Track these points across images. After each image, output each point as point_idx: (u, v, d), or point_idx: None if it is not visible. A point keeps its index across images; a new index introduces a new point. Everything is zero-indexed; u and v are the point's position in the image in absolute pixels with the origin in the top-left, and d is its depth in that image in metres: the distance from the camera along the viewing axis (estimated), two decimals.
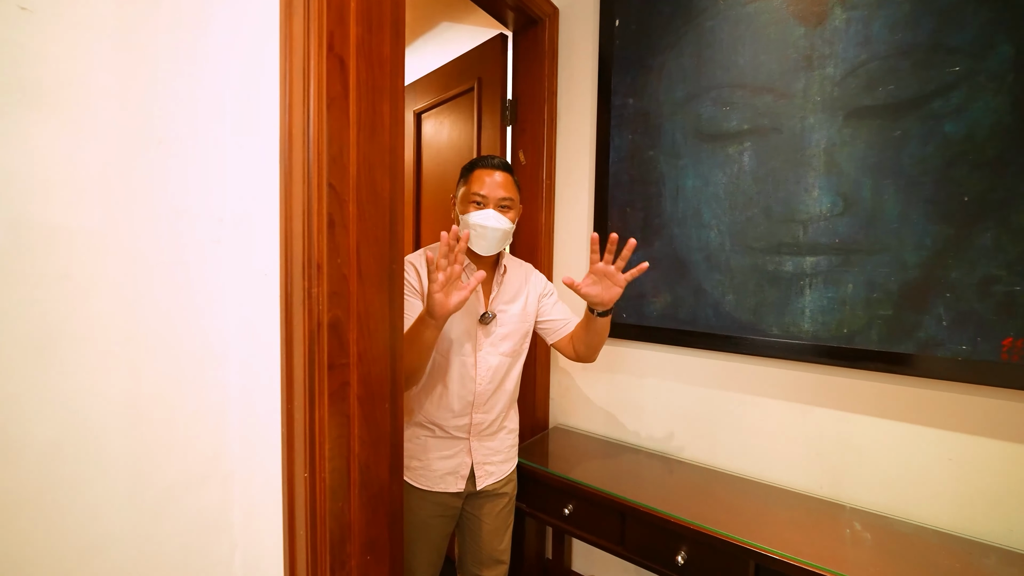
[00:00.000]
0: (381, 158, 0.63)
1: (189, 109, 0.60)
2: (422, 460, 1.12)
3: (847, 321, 1.09)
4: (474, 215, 1.03)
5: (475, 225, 1.03)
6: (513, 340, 1.14)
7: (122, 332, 0.58)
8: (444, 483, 1.12)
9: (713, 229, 1.27)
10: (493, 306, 1.11)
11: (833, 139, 1.10)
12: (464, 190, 1.07)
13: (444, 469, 1.12)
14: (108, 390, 0.59)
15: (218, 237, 0.67)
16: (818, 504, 1.12)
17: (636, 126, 1.40)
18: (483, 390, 1.11)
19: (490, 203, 1.04)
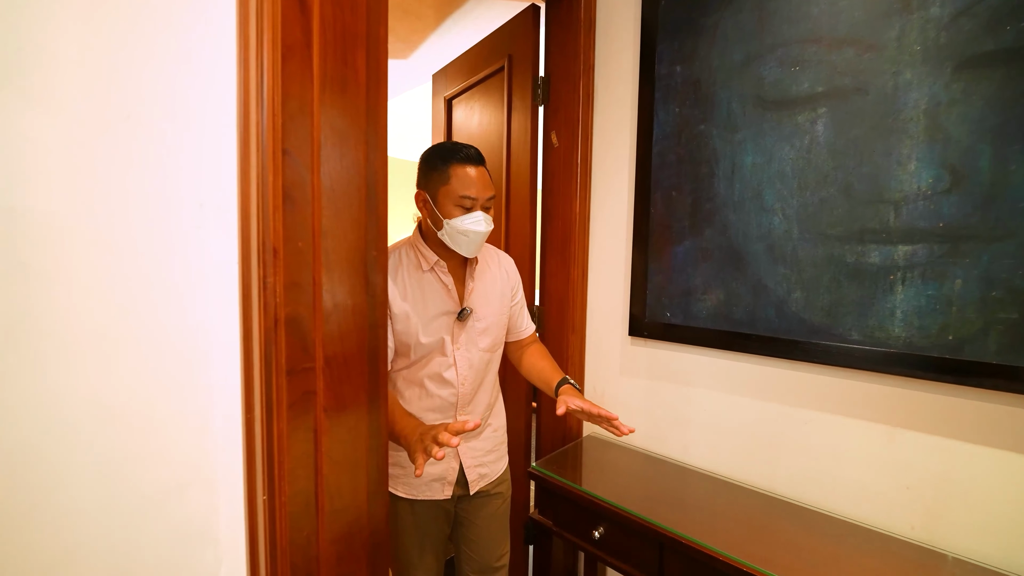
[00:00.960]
0: (355, 121, 0.52)
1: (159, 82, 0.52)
2: (405, 468, 1.04)
3: (954, 326, 0.87)
4: (465, 221, 0.97)
5: (467, 231, 0.98)
6: (492, 334, 1.09)
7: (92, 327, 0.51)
8: (431, 491, 1.07)
9: (777, 214, 1.07)
10: (469, 301, 1.05)
11: (938, 97, 0.87)
12: (445, 190, 0.98)
13: (431, 476, 1.06)
14: (77, 390, 0.53)
15: (199, 223, 0.59)
16: (909, 550, 0.91)
17: (684, 97, 1.22)
18: (466, 391, 1.06)
19: (478, 205, 0.98)
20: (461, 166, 0.98)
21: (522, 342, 1.23)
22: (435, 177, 0.99)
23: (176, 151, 0.55)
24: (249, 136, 0.50)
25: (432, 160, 1.00)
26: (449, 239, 1.00)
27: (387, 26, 0.57)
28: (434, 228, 1.02)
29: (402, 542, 1.09)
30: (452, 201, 0.97)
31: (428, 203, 1.01)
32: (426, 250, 1.04)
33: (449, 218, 0.98)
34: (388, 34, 0.55)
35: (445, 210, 0.98)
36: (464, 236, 0.98)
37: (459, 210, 0.97)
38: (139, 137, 0.52)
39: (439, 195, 0.99)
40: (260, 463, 0.51)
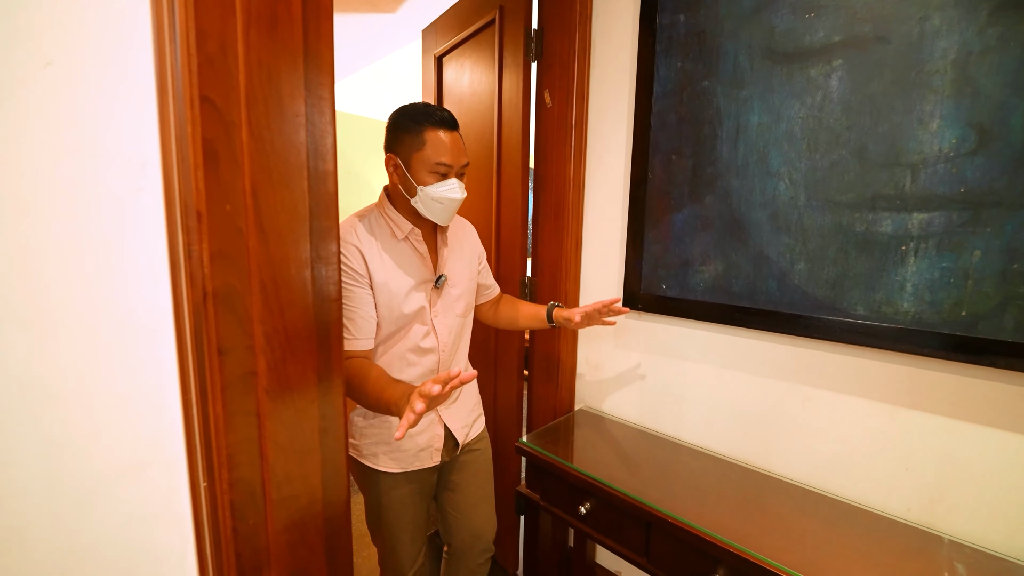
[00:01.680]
0: (291, 63, 0.45)
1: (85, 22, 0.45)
2: (391, 443, 1.04)
3: (969, 301, 0.80)
4: (439, 188, 0.94)
5: (442, 198, 0.95)
6: (466, 299, 1.11)
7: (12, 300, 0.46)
8: (419, 460, 1.07)
9: (783, 179, 0.99)
10: (443, 268, 1.05)
11: (970, 46, 0.78)
12: (419, 156, 0.93)
13: (418, 446, 1.06)
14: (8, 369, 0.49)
15: (140, 185, 0.53)
16: (904, 532, 0.88)
17: (688, 50, 1.12)
18: (445, 356, 1.07)
19: (453, 172, 0.95)
20: (435, 131, 0.92)
21: (492, 300, 1.26)
22: (408, 141, 0.94)
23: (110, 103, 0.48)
24: (166, 83, 0.43)
25: (403, 122, 0.94)
26: (423, 206, 0.96)
27: None
28: (406, 195, 0.97)
29: (388, 519, 1.08)
30: (427, 168, 0.93)
31: (400, 168, 0.96)
32: (398, 217, 0.99)
33: (423, 185, 0.93)
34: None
35: (419, 177, 0.94)
36: (439, 204, 0.95)
37: (434, 177, 0.93)
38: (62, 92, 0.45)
39: (412, 161, 0.94)
40: (199, 448, 0.47)
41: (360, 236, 0.95)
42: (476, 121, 1.60)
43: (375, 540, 1.13)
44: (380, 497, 1.07)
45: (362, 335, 0.93)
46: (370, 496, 1.08)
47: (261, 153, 0.45)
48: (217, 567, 0.47)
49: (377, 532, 1.10)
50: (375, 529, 1.10)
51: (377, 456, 1.05)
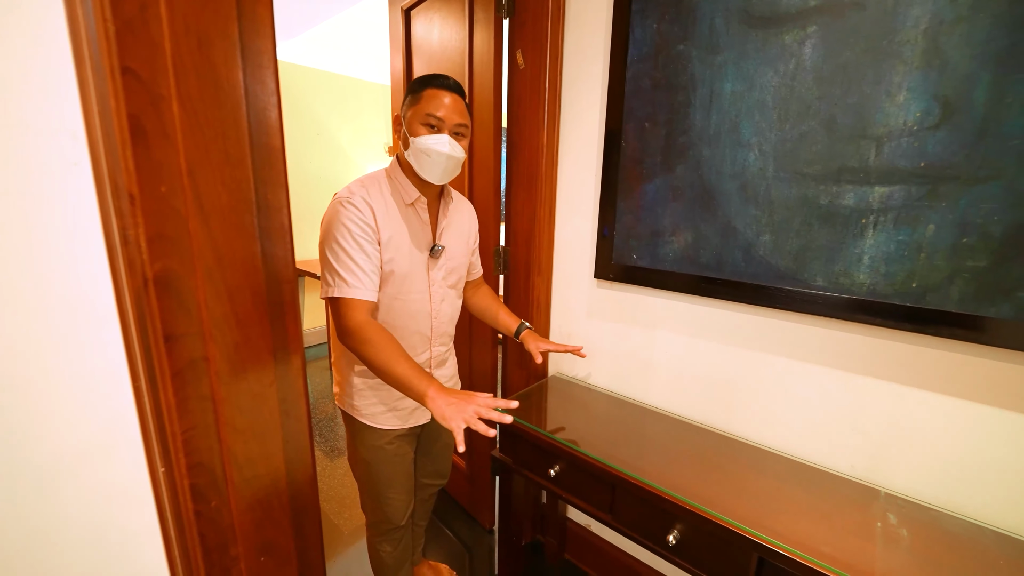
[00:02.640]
0: (222, 26, 0.42)
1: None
2: (388, 403, 1.09)
3: (920, 273, 0.84)
4: (428, 139, 0.96)
5: (429, 150, 0.96)
6: (459, 273, 1.15)
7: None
8: (415, 418, 1.14)
9: (754, 149, 0.98)
10: (442, 238, 1.08)
11: (942, 14, 0.77)
12: (415, 109, 0.97)
13: (413, 404, 1.12)
14: None
15: (75, 158, 0.49)
16: (848, 487, 0.95)
17: (664, 11, 1.07)
18: (438, 324, 1.12)
19: (445, 128, 0.97)
20: (435, 89, 0.97)
21: (473, 282, 1.29)
22: (410, 99, 0.99)
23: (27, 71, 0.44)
24: (83, 52, 0.39)
25: (412, 86, 1.00)
26: (414, 159, 0.99)
27: None
28: (403, 150, 1.01)
29: (386, 472, 1.14)
30: (419, 119, 0.96)
31: (400, 125, 1.02)
32: (406, 183, 1.02)
33: (414, 136, 0.97)
34: None
35: (412, 128, 0.98)
36: (426, 156, 0.97)
37: (425, 129, 0.96)
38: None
39: (409, 114, 0.99)
40: (154, 435, 0.47)
41: (371, 194, 0.98)
42: None
43: (369, 494, 1.18)
44: (378, 452, 1.12)
45: (371, 286, 0.95)
46: (367, 452, 1.13)
47: (195, 127, 0.42)
48: (182, 547, 0.48)
49: (373, 486, 1.16)
50: (371, 483, 1.16)
51: (375, 416, 1.10)
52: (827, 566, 0.74)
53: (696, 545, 0.90)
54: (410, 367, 0.89)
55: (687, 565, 0.92)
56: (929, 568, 0.75)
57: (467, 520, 1.80)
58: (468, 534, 1.74)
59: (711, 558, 0.89)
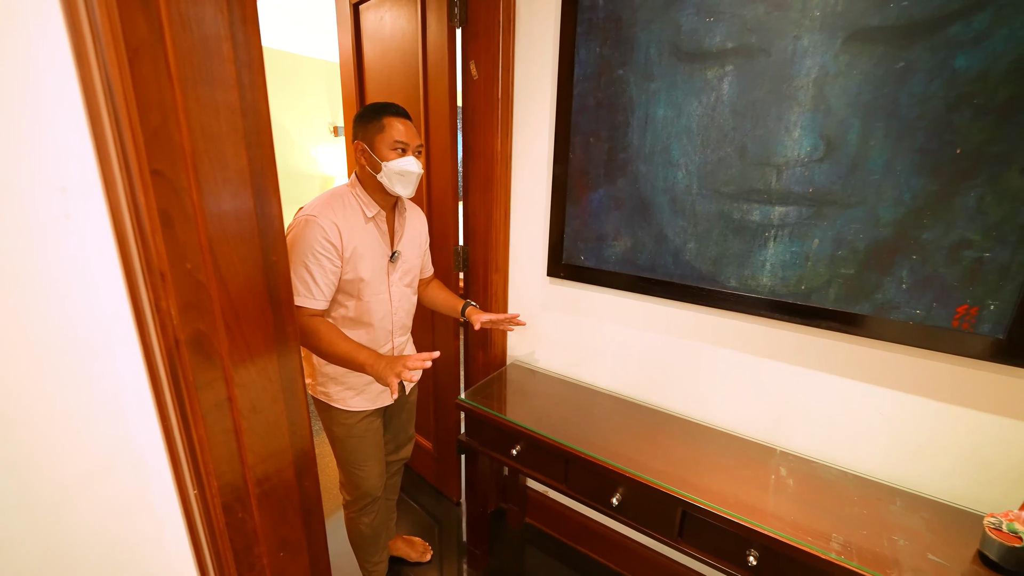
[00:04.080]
0: (230, 122, 0.49)
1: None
2: (355, 387, 1.23)
3: (807, 278, 1.03)
4: (399, 162, 1.10)
5: (403, 171, 1.11)
6: (413, 273, 1.29)
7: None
8: (382, 399, 1.28)
9: (682, 168, 1.13)
10: (398, 246, 1.21)
11: (827, 67, 0.93)
12: (381, 136, 1.10)
13: (377, 389, 1.26)
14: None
15: (66, 211, 0.54)
16: (753, 449, 1.17)
17: (606, 35, 1.18)
18: (398, 319, 1.25)
19: (410, 150, 1.12)
20: (393, 118, 1.11)
21: (425, 279, 1.43)
22: (371, 127, 1.11)
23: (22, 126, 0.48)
24: (107, 151, 0.45)
25: (367, 115, 1.13)
26: (387, 180, 1.12)
27: None
28: (373, 172, 1.12)
29: (361, 450, 1.28)
30: (388, 146, 1.10)
31: (366, 151, 1.12)
32: (368, 200, 1.15)
33: (386, 160, 1.10)
34: None
35: (381, 154, 1.10)
36: (401, 176, 1.11)
37: (394, 153, 1.10)
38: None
39: (375, 142, 1.10)
40: (185, 464, 0.55)
41: (337, 213, 1.09)
42: (401, 72, 1.56)
43: (347, 472, 1.31)
44: (351, 429, 1.25)
45: (321, 297, 1.08)
46: (341, 430, 1.25)
47: (214, 211, 0.49)
48: (215, 552, 0.58)
49: (350, 463, 1.29)
50: (348, 461, 1.29)
51: (346, 399, 1.22)
52: (731, 512, 0.95)
53: (634, 504, 1.10)
54: (350, 346, 1.06)
55: (628, 521, 1.11)
56: (804, 506, 0.97)
57: (435, 495, 1.96)
58: (437, 508, 1.90)
59: (646, 514, 1.08)
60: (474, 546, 1.58)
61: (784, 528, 0.92)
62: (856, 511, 0.97)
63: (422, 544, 1.66)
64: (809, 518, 0.94)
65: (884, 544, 0.89)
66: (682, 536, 1.05)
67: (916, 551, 0.88)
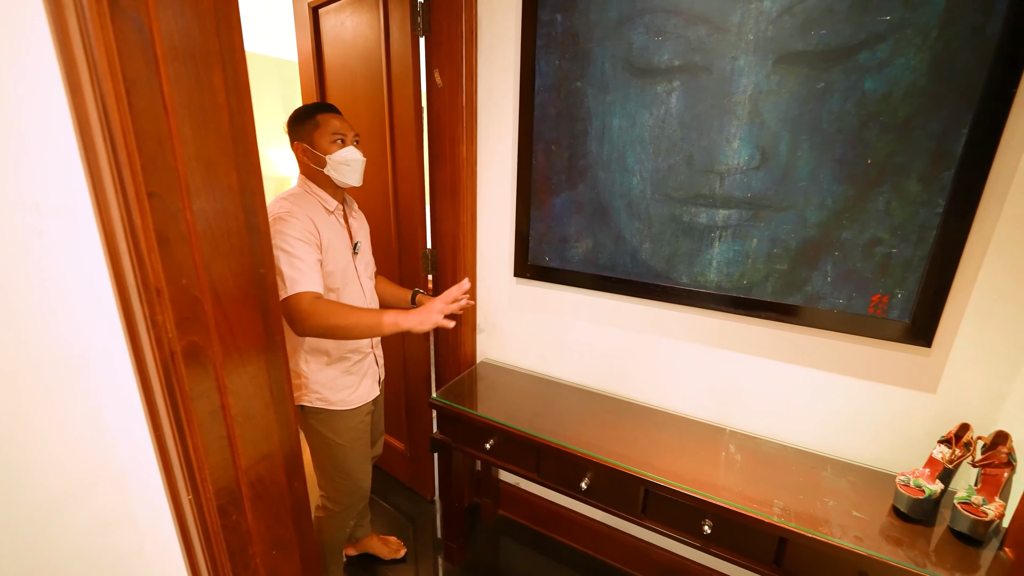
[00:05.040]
0: (222, 147, 0.51)
1: None
2: (357, 384, 1.25)
3: (748, 273, 1.15)
4: (342, 153, 1.15)
5: (347, 160, 1.16)
6: (371, 264, 1.35)
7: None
8: (370, 394, 1.31)
9: (636, 175, 1.23)
10: (357, 236, 1.27)
11: (760, 86, 1.04)
12: (319, 132, 1.14)
13: (369, 381, 1.30)
14: None
15: (41, 229, 0.54)
16: (705, 430, 1.28)
17: (565, 49, 1.25)
18: (371, 306, 1.29)
19: (349, 139, 1.17)
20: (327, 114, 1.15)
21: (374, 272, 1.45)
22: (307, 126, 1.15)
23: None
24: (101, 177, 0.47)
25: (300, 116, 1.16)
26: (334, 171, 1.16)
27: (241, 31, 0.53)
28: (317, 167, 1.16)
29: (355, 449, 1.28)
30: (327, 139, 1.14)
31: (307, 149, 1.15)
32: (325, 195, 1.18)
33: (328, 153, 1.14)
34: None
35: (323, 148, 1.14)
36: (346, 165, 1.16)
37: (335, 145, 1.15)
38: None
39: (314, 138, 1.14)
40: (179, 471, 0.57)
41: (303, 207, 1.11)
42: (363, 74, 1.57)
43: (346, 479, 1.28)
44: (353, 432, 1.26)
45: (314, 278, 1.07)
46: (344, 436, 1.24)
47: (207, 230, 0.52)
48: (209, 553, 0.60)
49: (350, 469, 1.28)
50: (347, 467, 1.27)
51: (348, 397, 1.24)
52: (688, 488, 1.05)
53: (602, 487, 1.18)
54: (368, 311, 1.10)
55: (596, 503, 1.20)
56: (749, 477, 1.09)
57: (409, 495, 1.99)
58: (411, 507, 1.93)
59: (613, 495, 1.17)
60: (450, 540, 1.63)
61: (733, 498, 1.03)
62: (794, 479, 1.09)
63: (396, 542, 1.69)
64: (754, 488, 1.06)
65: (817, 506, 1.02)
66: (645, 513, 1.15)
67: (843, 509, 1.01)
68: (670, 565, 1.52)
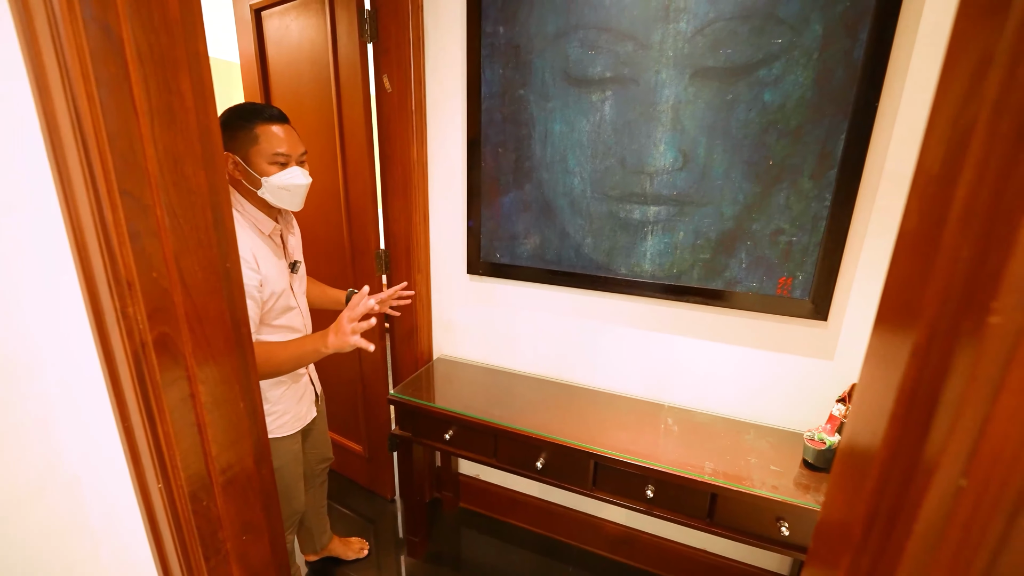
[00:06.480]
0: (189, 147, 0.55)
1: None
2: (288, 412, 1.20)
3: (677, 263, 1.29)
4: (283, 176, 1.02)
5: (287, 185, 1.03)
6: (306, 280, 1.29)
7: None
8: (308, 416, 1.28)
9: (577, 176, 1.33)
10: (294, 255, 1.20)
11: (680, 96, 1.18)
12: (256, 149, 1.00)
13: (304, 406, 1.26)
14: None
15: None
16: (646, 406, 1.41)
17: (508, 60, 1.34)
18: (308, 325, 1.25)
19: (293, 160, 1.03)
20: (267, 125, 1.00)
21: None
22: (242, 137, 0.99)
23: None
24: (71, 177, 0.50)
25: (234, 121, 1.00)
26: (271, 196, 1.04)
27: (205, 40, 0.57)
28: (251, 187, 1.04)
29: (292, 473, 1.25)
30: (266, 160, 1.00)
31: (239, 164, 1.01)
32: (260, 215, 1.08)
33: (266, 176, 1.01)
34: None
35: (260, 169, 1.00)
36: (286, 191, 1.04)
37: (275, 167, 1.01)
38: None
39: (251, 155, 1.00)
40: (149, 460, 0.59)
41: (245, 232, 1.02)
42: (309, 77, 1.58)
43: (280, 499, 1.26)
44: (286, 455, 1.23)
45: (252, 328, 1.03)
46: (283, 460, 1.21)
47: (176, 226, 0.55)
48: (180, 539, 0.62)
49: (283, 489, 1.24)
50: (281, 487, 1.23)
51: (282, 425, 1.19)
52: (632, 457, 1.16)
53: (555, 465, 1.27)
54: (291, 344, 1.04)
55: (552, 480, 1.29)
56: (685, 445, 1.22)
57: (368, 496, 1.99)
58: (371, 508, 1.93)
59: (566, 471, 1.26)
60: (412, 535, 1.66)
61: (671, 463, 1.15)
62: (722, 443, 1.24)
63: (359, 542, 1.70)
64: (689, 454, 1.19)
65: (741, 464, 1.16)
66: (596, 485, 1.25)
67: (763, 465, 1.16)
68: (621, 536, 1.64)
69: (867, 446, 0.31)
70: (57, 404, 0.64)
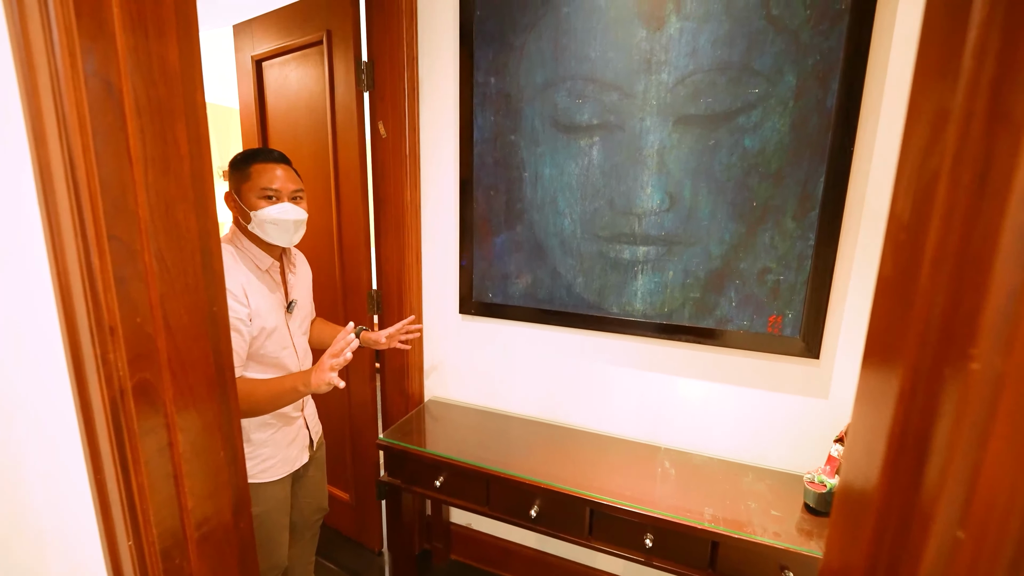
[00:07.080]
0: (182, 193, 0.56)
1: None
2: (275, 455, 1.17)
3: (668, 301, 1.29)
4: (270, 210, 1.06)
5: (275, 220, 1.06)
6: (307, 320, 1.30)
7: None
8: (298, 461, 1.24)
9: (567, 217, 1.36)
10: (293, 294, 1.20)
11: (664, 142, 1.22)
12: (248, 185, 1.06)
13: (294, 451, 1.22)
14: None
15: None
16: (641, 448, 1.38)
17: (498, 107, 1.39)
18: (303, 364, 1.23)
19: (284, 196, 1.08)
20: (261, 164, 1.07)
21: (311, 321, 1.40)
22: (238, 176, 1.07)
23: None
24: (59, 221, 0.50)
25: (237, 163, 1.08)
26: (259, 230, 1.07)
27: (203, 90, 0.59)
28: (244, 222, 1.09)
29: (276, 521, 1.19)
30: (255, 194, 1.05)
31: (235, 200, 1.08)
32: (257, 251, 1.11)
33: (254, 210, 1.05)
34: None
35: (249, 203, 1.06)
36: (273, 225, 1.07)
37: (264, 201, 1.06)
38: None
39: (242, 191, 1.06)
40: (120, 514, 0.56)
41: (232, 270, 1.04)
42: (307, 125, 1.63)
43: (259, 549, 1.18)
44: (270, 502, 1.17)
45: (240, 363, 1.06)
46: (260, 507, 1.14)
47: (164, 271, 0.55)
48: None
49: (264, 539, 1.18)
50: (262, 537, 1.17)
51: (269, 469, 1.15)
52: (629, 504, 1.12)
53: (550, 513, 1.22)
54: (272, 382, 1.04)
55: (546, 530, 1.23)
56: (683, 490, 1.18)
57: (355, 548, 1.89)
58: (358, 561, 1.83)
59: (561, 519, 1.21)
60: None
61: (670, 509, 1.11)
62: (720, 487, 1.20)
63: None
64: (687, 499, 1.15)
65: (741, 509, 1.12)
66: (592, 534, 1.20)
67: (763, 510, 1.12)
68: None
69: (862, 491, 0.30)
70: (29, 452, 0.62)
